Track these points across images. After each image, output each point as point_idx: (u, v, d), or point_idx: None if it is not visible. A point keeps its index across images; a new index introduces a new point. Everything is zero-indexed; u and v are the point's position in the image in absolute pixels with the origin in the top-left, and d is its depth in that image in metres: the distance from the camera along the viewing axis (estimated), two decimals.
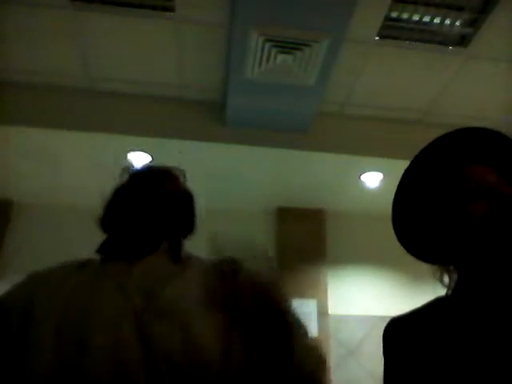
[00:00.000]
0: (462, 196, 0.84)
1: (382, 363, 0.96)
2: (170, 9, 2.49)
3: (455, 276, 0.90)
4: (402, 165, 1.00)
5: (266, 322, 0.86)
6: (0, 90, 2.91)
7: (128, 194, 1.05)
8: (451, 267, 0.91)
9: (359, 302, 3.76)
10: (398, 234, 0.97)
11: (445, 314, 0.87)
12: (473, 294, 0.84)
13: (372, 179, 3.47)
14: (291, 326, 0.89)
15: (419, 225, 0.93)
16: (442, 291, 0.95)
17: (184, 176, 1.16)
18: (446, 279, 0.92)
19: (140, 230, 0.99)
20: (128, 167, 1.17)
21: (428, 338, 0.86)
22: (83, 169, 3.26)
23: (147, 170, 1.12)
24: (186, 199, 1.10)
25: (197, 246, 1.11)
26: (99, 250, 1.00)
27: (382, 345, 0.98)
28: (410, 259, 0.94)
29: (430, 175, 0.93)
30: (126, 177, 1.12)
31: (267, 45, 2.41)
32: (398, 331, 0.93)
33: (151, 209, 1.02)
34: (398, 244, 0.98)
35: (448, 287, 0.91)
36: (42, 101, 2.94)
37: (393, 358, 0.92)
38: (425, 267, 0.95)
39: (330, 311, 3.65)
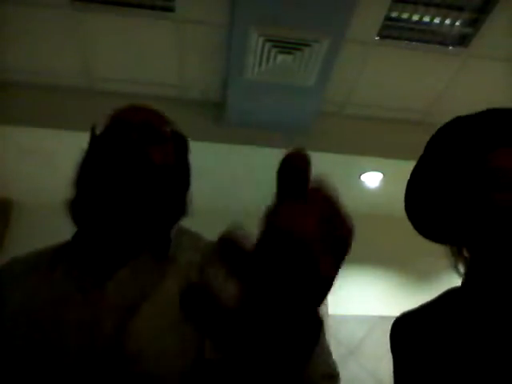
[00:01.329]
0: (489, 185, 0.79)
1: (382, 363, 0.95)
2: (170, 9, 2.49)
3: (469, 263, 0.87)
4: (402, 165, 1.00)
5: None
6: (0, 90, 2.91)
7: (103, 170, 0.79)
8: (466, 256, 0.87)
9: (359, 301, 3.76)
10: (410, 213, 0.93)
11: (456, 308, 0.85)
12: (487, 286, 0.82)
13: (372, 179, 3.47)
14: None
15: (438, 205, 0.88)
16: (442, 291, 0.93)
17: (172, 127, 0.90)
18: (461, 268, 0.88)
19: (121, 226, 0.77)
20: (95, 124, 0.89)
21: (438, 335, 0.84)
22: None
23: (124, 129, 0.83)
24: (178, 173, 0.85)
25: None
26: (73, 246, 0.82)
27: (382, 344, 0.97)
28: (410, 259, 0.94)
29: (452, 155, 0.87)
30: (98, 139, 0.85)
31: (267, 45, 2.41)
32: (406, 327, 0.92)
33: (133, 196, 0.77)
34: (397, 244, 0.96)
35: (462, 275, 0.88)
36: (42, 101, 2.94)
37: (402, 354, 0.90)
38: (425, 267, 0.94)
39: (330, 311, 3.65)
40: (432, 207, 0.89)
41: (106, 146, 0.81)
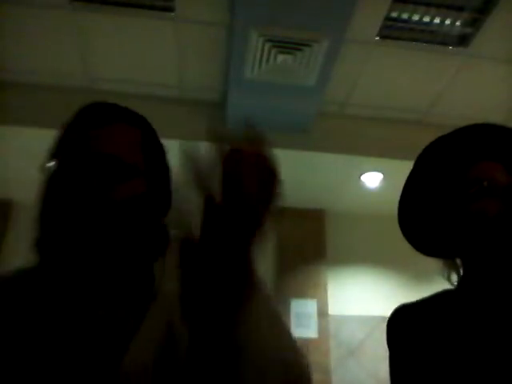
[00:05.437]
0: (474, 194, 0.83)
1: (382, 364, 0.96)
2: (170, 9, 2.49)
3: (462, 270, 0.90)
4: (402, 165, 1.01)
5: None
6: (0, 90, 2.91)
7: (66, 211, 0.70)
8: (458, 262, 0.91)
9: (359, 302, 3.76)
10: (403, 229, 0.97)
11: (451, 306, 0.87)
12: (480, 290, 0.85)
13: (372, 179, 3.47)
14: None
15: (426, 220, 0.93)
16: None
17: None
18: (453, 276, 0.92)
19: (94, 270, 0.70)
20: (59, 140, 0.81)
21: (433, 329, 0.86)
22: None
23: (86, 167, 0.73)
24: (148, 203, 0.75)
25: None
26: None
27: (382, 345, 0.98)
28: (410, 259, 0.94)
29: (437, 172, 0.92)
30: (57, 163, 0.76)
31: (267, 45, 2.41)
32: (403, 320, 0.94)
33: (100, 239, 0.70)
34: (397, 244, 0.97)
35: (454, 283, 0.91)
36: (42, 101, 2.94)
37: (397, 347, 0.92)
38: (425, 267, 0.96)
39: (330, 311, 3.65)
40: (422, 222, 0.94)
41: (68, 187, 0.72)
